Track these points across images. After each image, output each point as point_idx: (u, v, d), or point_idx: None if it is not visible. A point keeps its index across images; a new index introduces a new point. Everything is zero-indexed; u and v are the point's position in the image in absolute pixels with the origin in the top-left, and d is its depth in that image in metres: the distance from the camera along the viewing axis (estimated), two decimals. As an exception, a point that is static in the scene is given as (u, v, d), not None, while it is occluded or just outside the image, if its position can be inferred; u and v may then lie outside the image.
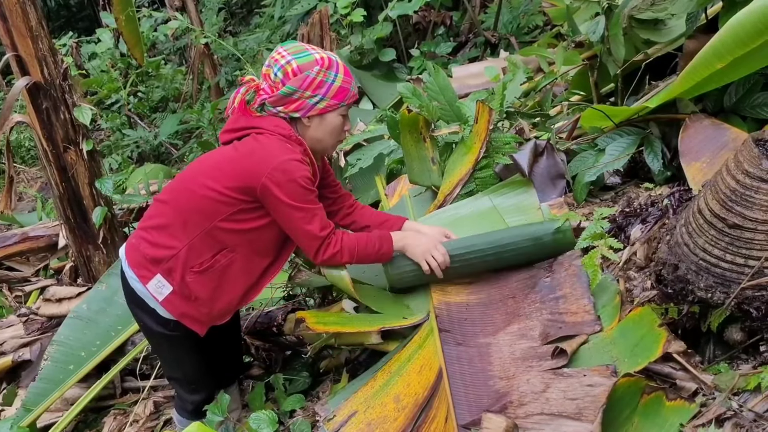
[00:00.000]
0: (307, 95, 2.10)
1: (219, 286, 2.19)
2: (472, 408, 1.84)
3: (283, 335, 2.72)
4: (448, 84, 2.96)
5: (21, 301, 4.28)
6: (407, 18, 6.38)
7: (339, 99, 2.14)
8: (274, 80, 2.11)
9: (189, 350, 2.35)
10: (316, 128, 2.18)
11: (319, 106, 2.12)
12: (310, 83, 2.08)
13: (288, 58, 2.10)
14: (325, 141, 2.22)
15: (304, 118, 2.15)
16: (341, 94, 2.14)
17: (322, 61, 2.10)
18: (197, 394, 2.47)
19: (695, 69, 2.31)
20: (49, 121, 3.52)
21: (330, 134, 2.21)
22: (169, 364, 2.50)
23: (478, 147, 2.70)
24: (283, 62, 2.09)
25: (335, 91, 2.12)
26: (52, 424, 2.89)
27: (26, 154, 8.43)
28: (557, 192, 2.60)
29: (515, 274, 2.23)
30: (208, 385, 2.49)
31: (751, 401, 1.59)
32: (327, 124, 2.18)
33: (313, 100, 2.11)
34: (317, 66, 2.09)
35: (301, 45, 2.17)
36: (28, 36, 3.36)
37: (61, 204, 3.77)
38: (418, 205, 2.88)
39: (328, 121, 2.17)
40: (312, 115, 2.14)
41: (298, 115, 2.14)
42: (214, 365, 2.49)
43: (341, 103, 2.15)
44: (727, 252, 1.67)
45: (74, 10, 12.37)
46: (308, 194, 2.11)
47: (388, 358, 2.11)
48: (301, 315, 2.23)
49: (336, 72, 2.12)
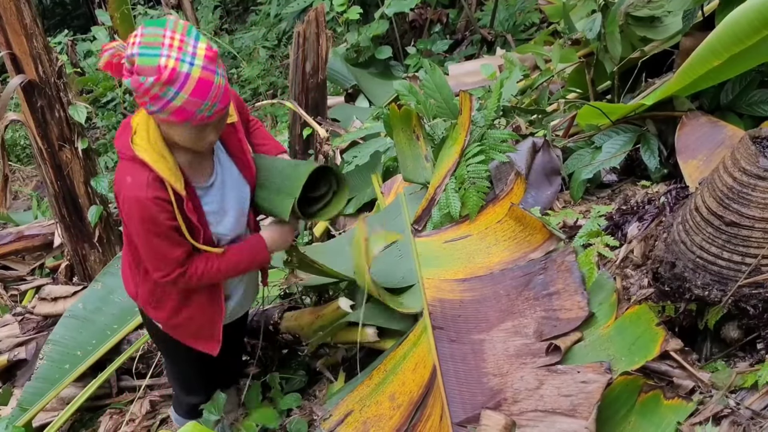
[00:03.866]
0: (145, 100, 1.72)
1: (180, 311, 2.13)
2: (467, 405, 1.83)
3: (280, 334, 2.72)
4: (444, 82, 2.96)
5: (16, 300, 4.26)
6: (403, 16, 6.39)
7: (179, 118, 1.73)
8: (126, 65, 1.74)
9: (189, 356, 2.34)
10: (169, 129, 1.82)
11: (160, 116, 1.75)
12: (146, 91, 1.69)
13: (135, 50, 1.68)
14: (184, 143, 1.85)
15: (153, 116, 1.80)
16: (181, 114, 1.72)
17: (163, 71, 1.66)
18: (193, 396, 2.47)
19: (692, 66, 2.31)
20: (44, 119, 3.50)
21: (187, 142, 1.84)
22: (169, 364, 2.50)
23: (463, 136, 2.70)
24: (129, 53, 1.69)
25: (173, 110, 1.71)
26: (48, 423, 2.88)
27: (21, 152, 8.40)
28: (553, 188, 2.60)
29: (510, 272, 2.23)
30: (204, 389, 2.48)
31: (748, 399, 1.60)
32: (179, 133, 1.81)
33: (152, 107, 1.73)
34: (152, 77, 1.66)
35: (160, 35, 1.68)
36: (23, 34, 3.34)
37: (56, 203, 3.75)
38: (413, 202, 2.87)
39: (176, 131, 1.80)
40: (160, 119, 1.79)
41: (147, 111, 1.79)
42: (213, 370, 2.49)
43: (184, 123, 1.75)
44: (724, 249, 1.67)
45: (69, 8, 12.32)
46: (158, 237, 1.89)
47: (383, 357, 2.11)
48: None
49: (178, 90, 1.67)
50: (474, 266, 2.35)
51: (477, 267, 2.33)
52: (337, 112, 5.10)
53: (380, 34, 6.00)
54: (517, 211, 2.36)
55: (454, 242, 2.51)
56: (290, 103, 4.16)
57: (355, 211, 3.75)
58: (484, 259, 2.35)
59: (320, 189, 2.13)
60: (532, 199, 2.53)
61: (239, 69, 8.27)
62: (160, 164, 1.83)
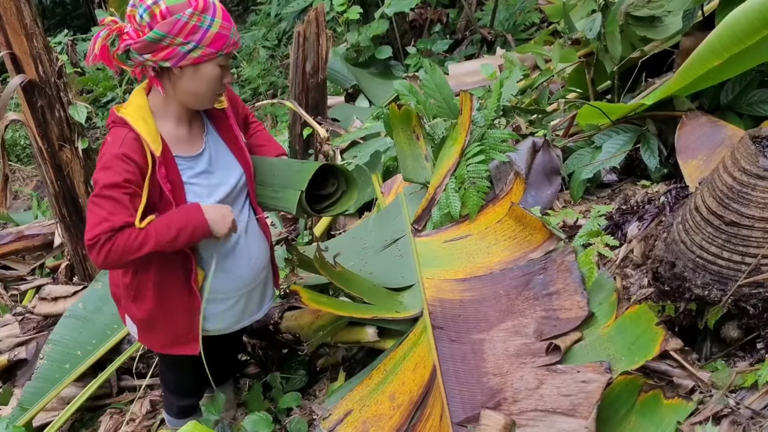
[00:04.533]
0: (178, 42, 1.78)
1: (158, 305, 2.06)
2: (466, 405, 1.83)
3: (280, 333, 2.72)
4: (444, 81, 2.96)
5: (16, 300, 4.25)
6: (403, 15, 6.39)
7: (216, 47, 1.83)
8: (140, 23, 1.79)
9: (177, 364, 2.34)
10: (190, 80, 1.88)
11: (192, 55, 1.81)
12: (182, 28, 1.76)
13: None
14: (200, 95, 1.93)
15: (175, 68, 1.85)
16: (218, 41, 1.82)
17: (196, 2, 1.78)
18: (185, 399, 2.47)
19: (692, 66, 2.31)
20: (44, 119, 3.50)
21: (206, 87, 1.91)
22: (164, 367, 2.49)
23: (463, 136, 2.70)
24: (150, 2, 1.76)
25: (211, 39, 1.80)
26: (48, 423, 2.87)
27: (21, 152, 8.39)
28: (552, 188, 2.60)
29: (509, 272, 2.23)
30: (197, 392, 2.49)
31: (748, 398, 1.60)
32: (202, 76, 1.88)
33: (185, 47, 1.79)
34: (190, 8, 1.77)
35: None
36: (23, 33, 3.34)
37: (56, 202, 3.75)
38: (413, 202, 2.87)
39: (204, 72, 1.87)
40: (185, 65, 1.84)
41: (169, 64, 1.83)
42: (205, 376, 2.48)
43: (219, 52, 1.84)
44: (724, 249, 1.67)
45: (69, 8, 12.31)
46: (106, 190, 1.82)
47: (383, 356, 2.11)
48: (295, 288, 2.19)
49: (213, 16, 1.80)
50: (474, 266, 2.35)
51: (477, 267, 2.33)
52: (337, 112, 5.10)
53: (380, 33, 6.00)
54: (517, 210, 2.36)
55: (454, 242, 2.51)
56: (290, 103, 4.16)
57: (355, 211, 3.75)
58: (484, 259, 2.35)
59: (328, 188, 2.14)
60: (532, 199, 2.53)
61: (239, 69, 8.28)
62: (139, 124, 1.88)
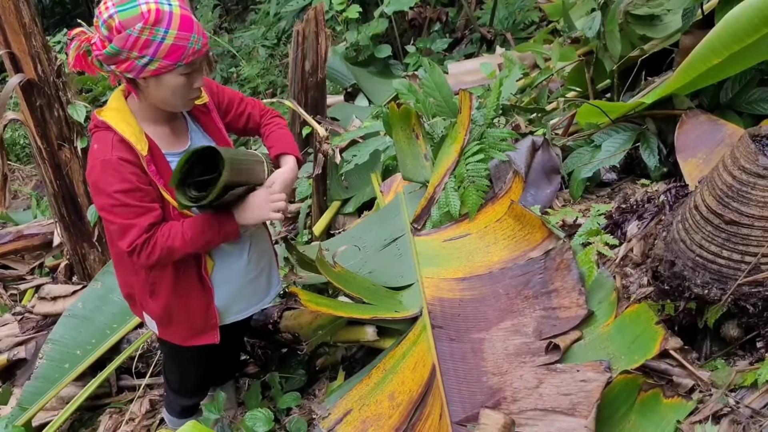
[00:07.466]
0: (134, 56, 1.77)
1: (173, 298, 2.09)
2: (466, 404, 1.83)
3: (279, 333, 2.71)
4: (443, 80, 2.95)
5: (16, 300, 4.25)
6: (403, 14, 6.38)
7: (172, 59, 1.79)
8: (103, 35, 1.80)
9: (190, 360, 2.34)
10: (156, 89, 1.87)
11: (150, 67, 1.80)
12: (134, 43, 1.75)
13: (111, 11, 1.75)
14: (169, 102, 1.92)
15: (139, 80, 1.85)
16: (174, 53, 1.78)
17: (147, 15, 1.73)
18: (187, 398, 2.47)
19: (691, 65, 2.31)
20: (43, 118, 3.50)
21: (173, 95, 1.89)
22: (170, 366, 2.48)
23: (463, 135, 2.70)
24: (106, 16, 1.76)
25: (166, 51, 1.77)
26: (48, 422, 2.87)
27: (21, 151, 8.38)
28: (552, 187, 2.59)
29: (509, 271, 2.23)
30: (200, 391, 2.49)
31: (748, 397, 1.60)
32: (167, 86, 1.86)
33: (141, 61, 1.78)
34: (140, 23, 1.73)
35: None
36: (22, 33, 3.34)
37: (55, 202, 3.75)
38: (412, 201, 2.87)
39: (167, 82, 1.85)
40: (147, 77, 1.83)
41: (131, 76, 1.83)
42: (212, 371, 2.48)
43: (177, 63, 1.81)
44: (724, 248, 1.67)
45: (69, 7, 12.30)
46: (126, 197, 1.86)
47: (383, 356, 2.11)
48: (294, 290, 2.19)
49: (167, 28, 1.75)
50: (473, 265, 2.34)
51: (476, 266, 2.33)
52: (337, 111, 5.09)
53: (380, 32, 5.99)
54: (517, 209, 2.36)
55: (453, 241, 2.51)
56: (290, 102, 4.15)
57: (354, 210, 3.74)
58: (483, 258, 2.35)
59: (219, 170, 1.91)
60: (532, 198, 2.53)
61: (239, 68, 8.27)
62: (121, 126, 1.89)
